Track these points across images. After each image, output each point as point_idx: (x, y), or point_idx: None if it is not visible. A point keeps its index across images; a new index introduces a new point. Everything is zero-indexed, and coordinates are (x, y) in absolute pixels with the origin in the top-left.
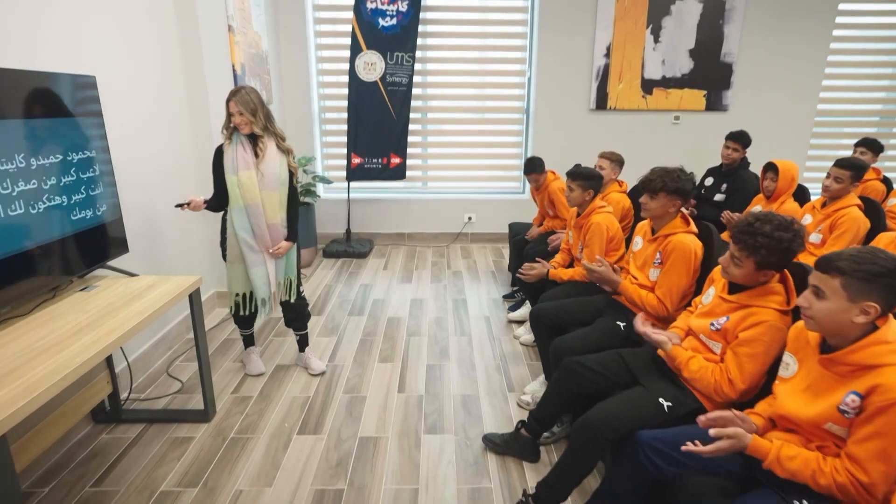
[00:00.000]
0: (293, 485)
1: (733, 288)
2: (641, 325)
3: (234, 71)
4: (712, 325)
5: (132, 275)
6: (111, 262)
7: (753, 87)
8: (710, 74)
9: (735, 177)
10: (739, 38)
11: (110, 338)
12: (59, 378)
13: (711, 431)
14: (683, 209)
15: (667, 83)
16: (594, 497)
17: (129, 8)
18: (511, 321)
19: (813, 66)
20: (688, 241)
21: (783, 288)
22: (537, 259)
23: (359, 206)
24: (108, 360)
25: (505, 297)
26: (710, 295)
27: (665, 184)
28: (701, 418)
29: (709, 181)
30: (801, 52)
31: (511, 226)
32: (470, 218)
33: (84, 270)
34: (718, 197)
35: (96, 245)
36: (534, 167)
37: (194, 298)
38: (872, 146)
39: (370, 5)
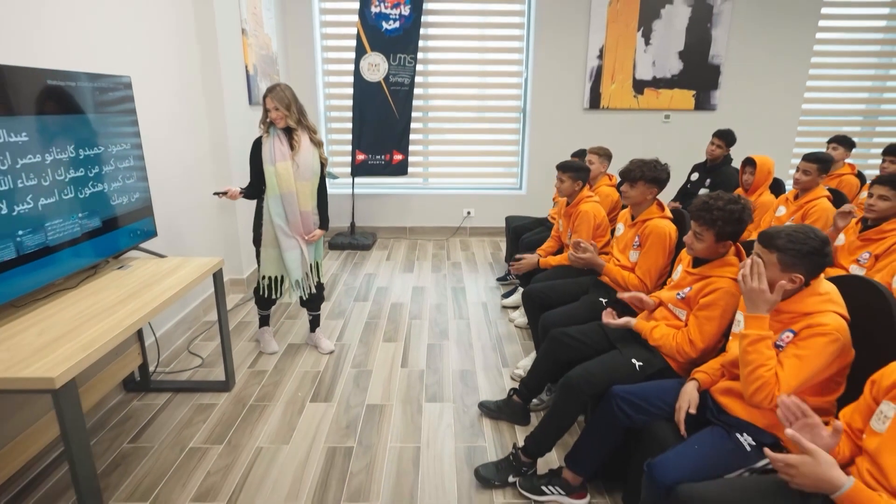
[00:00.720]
0: (308, 442)
1: (696, 263)
2: (607, 318)
3: (246, 71)
4: (678, 294)
5: (161, 256)
6: (142, 245)
7: (740, 87)
8: (698, 75)
9: (718, 172)
10: (727, 40)
11: (151, 305)
12: (114, 335)
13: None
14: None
15: (657, 84)
16: (574, 447)
17: (156, 13)
18: (505, 307)
19: (797, 66)
20: (663, 225)
21: (738, 260)
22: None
23: (363, 200)
24: (139, 335)
25: (499, 279)
26: (678, 272)
27: (643, 173)
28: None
29: (694, 176)
30: (786, 54)
31: (508, 219)
32: (469, 212)
33: (120, 251)
34: (703, 191)
35: (131, 228)
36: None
37: (217, 277)
38: (844, 142)
39: (374, 9)
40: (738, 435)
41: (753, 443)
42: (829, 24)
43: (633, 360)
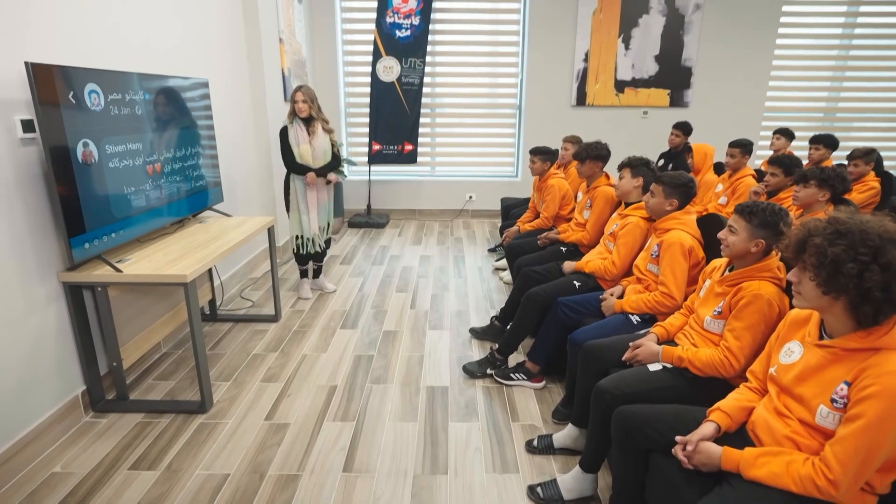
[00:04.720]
0: (340, 351)
1: (626, 205)
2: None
3: (282, 73)
4: (609, 231)
5: (228, 216)
6: (215, 207)
7: (710, 86)
8: (672, 76)
9: (678, 158)
10: (697, 45)
11: (230, 244)
12: (214, 257)
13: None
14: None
15: (636, 83)
16: (533, 345)
17: (217, 28)
18: (497, 269)
19: (760, 68)
20: (609, 190)
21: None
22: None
23: (378, 186)
24: (210, 276)
25: (489, 250)
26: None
27: (588, 153)
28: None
29: (660, 162)
30: (750, 57)
31: (502, 199)
32: (471, 196)
33: (201, 209)
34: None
35: (208, 193)
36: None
37: (270, 231)
38: (785, 133)
39: (389, 19)
40: (630, 315)
41: (639, 319)
42: (788, 31)
43: (574, 282)
